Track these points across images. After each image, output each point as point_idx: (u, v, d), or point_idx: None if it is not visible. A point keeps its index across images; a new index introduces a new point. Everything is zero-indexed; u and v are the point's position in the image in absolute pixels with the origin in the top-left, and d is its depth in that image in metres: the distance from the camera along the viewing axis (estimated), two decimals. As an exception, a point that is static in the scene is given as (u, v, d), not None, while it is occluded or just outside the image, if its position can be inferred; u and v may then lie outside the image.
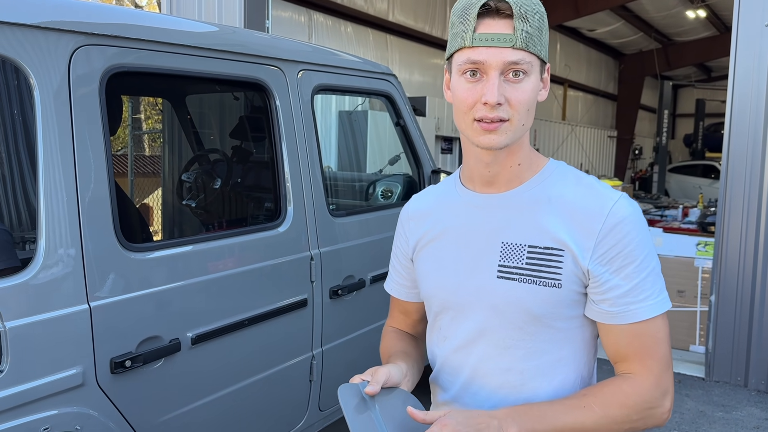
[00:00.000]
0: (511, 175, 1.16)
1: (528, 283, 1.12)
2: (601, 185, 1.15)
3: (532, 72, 1.07)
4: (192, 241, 2.03)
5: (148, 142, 8.77)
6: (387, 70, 3.02)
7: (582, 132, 18.39)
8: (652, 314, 1.09)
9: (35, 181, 1.63)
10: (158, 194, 3.46)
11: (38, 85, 1.62)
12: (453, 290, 1.20)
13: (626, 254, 1.08)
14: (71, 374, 1.66)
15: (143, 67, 1.90)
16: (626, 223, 1.09)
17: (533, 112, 1.11)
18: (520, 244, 1.14)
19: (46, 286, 1.61)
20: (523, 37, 1.04)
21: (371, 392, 1.12)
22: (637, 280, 1.09)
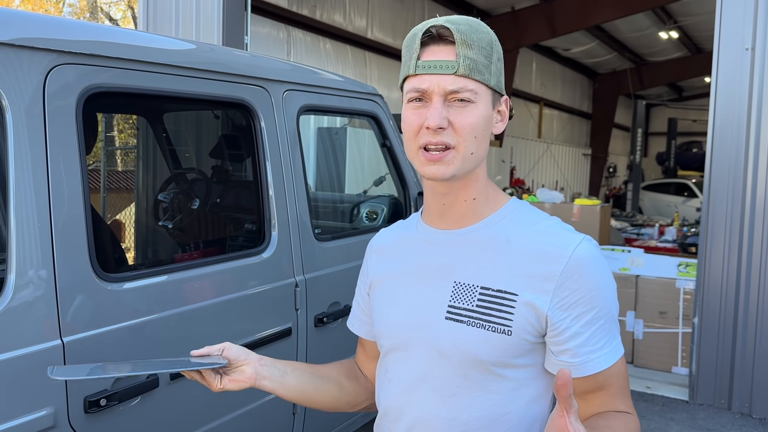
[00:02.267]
0: (466, 210, 1.11)
1: (476, 327, 1.05)
2: (563, 227, 1.09)
3: (478, 101, 1.03)
4: (171, 270, 1.92)
5: (121, 157, 8.59)
6: (373, 90, 2.96)
7: (557, 150, 18.58)
8: (611, 362, 1.05)
9: (6, 206, 1.52)
10: (131, 213, 3.33)
11: (10, 106, 1.52)
12: (400, 329, 1.14)
13: (587, 300, 1.03)
14: (41, 416, 1.54)
15: (122, 87, 1.80)
16: (588, 267, 1.03)
17: (484, 143, 1.06)
18: (472, 285, 1.07)
19: (16, 321, 1.50)
20: (465, 64, 1.01)
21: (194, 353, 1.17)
22: (596, 326, 1.04)
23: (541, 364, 1.09)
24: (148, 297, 1.82)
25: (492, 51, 1.04)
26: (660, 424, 4.02)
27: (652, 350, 5.04)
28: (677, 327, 4.92)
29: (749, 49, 4.03)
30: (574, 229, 1.09)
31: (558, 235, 1.07)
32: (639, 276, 5.10)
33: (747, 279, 4.12)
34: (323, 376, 1.28)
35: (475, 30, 1.03)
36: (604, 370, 1.05)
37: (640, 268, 5.22)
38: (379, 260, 1.25)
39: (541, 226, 1.09)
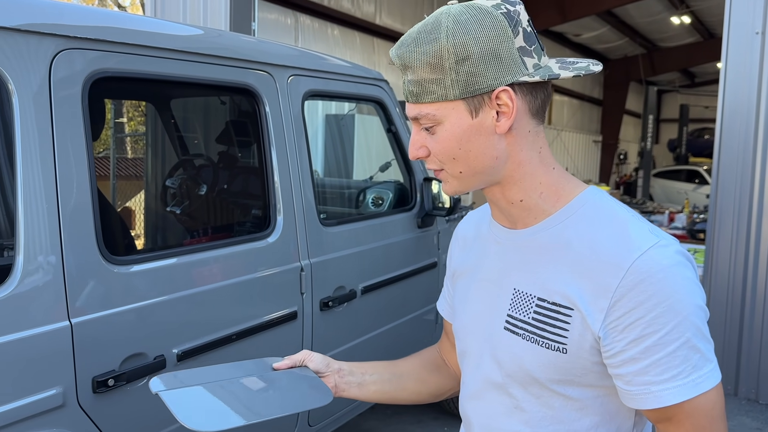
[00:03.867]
0: (519, 211, 1.00)
1: (530, 341, 0.96)
2: (636, 228, 0.92)
3: (444, 119, 0.93)
4: (178, 253, 1.95)
5: (130, 145, 8.63)
6: (378, 76, 2.96)
7: (568, 137, 18.48)
8: (682, 398, 0.87)
9: (13, 191, 1.54)
10: (141, 199, 3.36)
11: (17, 91, 1.54)
12: (468, 334, 1.10)
13: (646, 323, 0.87)
14: (51, 395, 1.58)
15: (128, 71, 1.82)
16: (652, 282, 0.86)
17: (474, 156, 0.95)
18: (530, 295, 0.98)
19: (24, 302, 1.53)
20: (410, 91, 0.95)
21: (276, 366, 1.17)
22: (661, 354, 0.87)
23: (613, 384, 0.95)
24: (156, 280, 1.85)
25: (443, 59, 0.90)
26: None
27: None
28: (684, 313, 4.92)
29: (759, 34, 3.99)
30: (653, 231, 0.92)
31: (624, 239, 0.91)
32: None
33: (755, 265, 4.10)
34: (403, 374, 1.25)
35: (419, 43, 0.92)
36: (672, 405, 0.88)
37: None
38: (460, 250, 1.19)
39: (609, 226, 0.94)
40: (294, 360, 1.20)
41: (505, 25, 0.91)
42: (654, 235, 0.91)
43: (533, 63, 0.93)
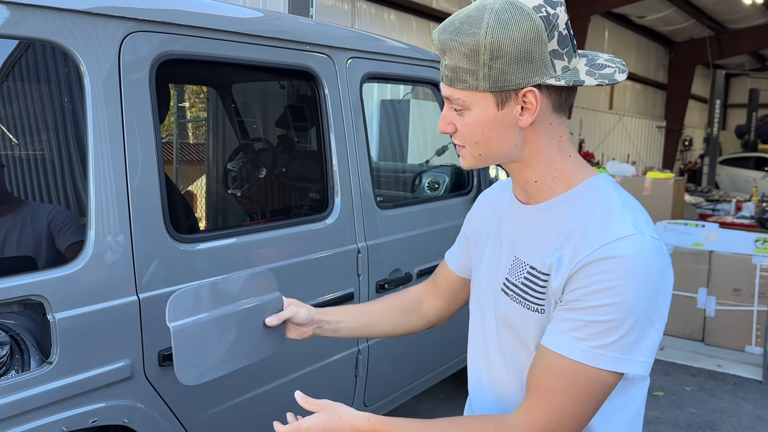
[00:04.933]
0: (533, 190, 1.10)
1: (515, 302, 1.10)
2: (623, 216, 1.00)
3: (471, 106, 1.03)
4: (240, 233, 1.99)
5: (191, 130, 8.83)
6: (435, 57, 2.93)
7: (629, 122, 17.94)
8: (574, 356, 0.97)
9: (85, 170, 1.60)
10: (203, 183, 3.45)
11: (88, 72, 1.59)
12: (477, 291, 1.24)
13: (588, 292, 0.96)
14: (120, 366, 1.64)
15: (192, 54, 1.86)
16: (611, 263, 0.95)
17: (495, 142, 1.04)
18: (524, 262, 1.10)
19: (95, 278, 1.59)
20: (446, 75, 1.04)
21: (269, 324, 1.36)
22: (580, 317, 0.97)
23: None
24: (219, 258, 1.89)
25: (478, 54, 0.98)
26: (731, 403, 3.90)
27: (724, 328, 4.86)
28: (752, 305, 4.72)
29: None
30: (637, 225, 0.99)
31: (606, 225, 0.99)
32: (713, 252, 4.91)
33: (831, 256, 3.90)
34: (375, 320, 1.43)
35: (460, 34, 0.99)
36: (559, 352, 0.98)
37: (714, 244, 5.02)
38: (481, 213, 1.30)
39: (601, 212, 1.02)
40: (282, 318, 1.38)
41: (541, 29, 0.98)
42: (635, 228, 0.98)
43: (563, 66, 1.00)
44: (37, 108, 1.63)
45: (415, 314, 1.45)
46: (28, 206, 1.60)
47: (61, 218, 1.61)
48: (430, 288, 1.46)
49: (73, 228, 1.62)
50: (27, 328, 1.53)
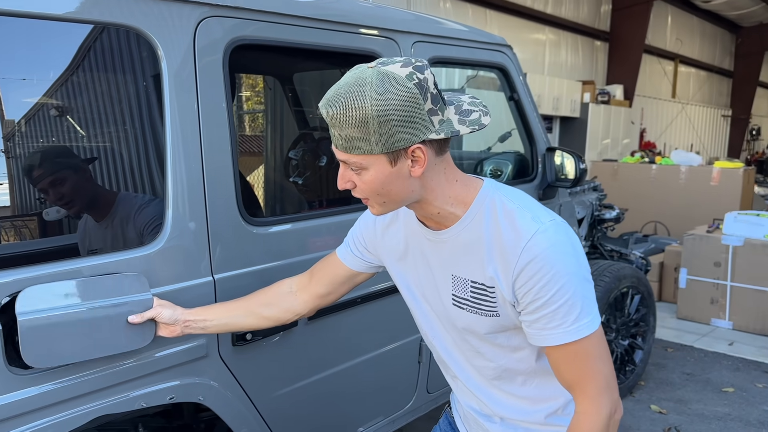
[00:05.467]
0: (439, 219, 1.27)
1: (472, 312, 1.29)
2: (522, 215, 1.21)
3: (369, 167, 1.17)
4: (311, 216, 2.01)
5: (248, 120, 8.98)
6: (502, 41, 2.88)
7: (693, 111, 17.30)
8: (563, 341, 1.19)
9: (163, 153, 1.64)
10: (265, 170, 3.50)
11: (165, 57, 1.63)
12: (423, 303, 1.41)
13: (536, 291, 1.18)
14: (196, 345, 1.68)
15: (261, 39, 1.88)
16: (537, 261, 1.17)
17: (396, 190, 1.19)
18: (464, 279, 1.28)
19: (173, 257, 1.63)
20: (340, 144, 1.16)
21: (131, 321, 1.49)
22: (545, 312, 1.19)
23: None
24: (290, 241, 1.92)
25: (367, 124, 1.11)
26: (808, 401, 3.72)
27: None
28: (831, 299, 4.49)
29: None
30: (535, 218, 1.20)
31: (515, 228, 1.20)
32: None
33: None
34: (240, 315, 1.57)
35: (347, 108, 1.11)
36: (556, 345, 1.21)
37: (788, 235, 4.80)
38: (383, 233, 1.45)
39: (503, 219, 1.22)
40: (146, 317, 1.51)
41: (417, 95, 1.12)
42: (535, 222, 1.19)
43: (439, 119, 1.16)
44: (114, 93, 1.67)
45: (278, 307, 1.58)
46: (119, 205, 1.61)
47: (145, 217, 1.63)
48: (305, 283, 1.59)
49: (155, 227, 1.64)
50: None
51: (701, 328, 5.13)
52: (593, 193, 3.93)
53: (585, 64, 13.06)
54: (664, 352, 4.61)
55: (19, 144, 1.44)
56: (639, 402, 3.78)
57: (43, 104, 1.47)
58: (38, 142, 1.47)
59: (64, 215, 1.51)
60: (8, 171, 1.41)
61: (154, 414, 1.92)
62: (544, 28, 11.74)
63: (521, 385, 1.38)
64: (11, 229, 1.44)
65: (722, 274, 5.10)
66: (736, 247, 5.02)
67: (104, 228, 1.58)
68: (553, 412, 1.38)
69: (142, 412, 1.71)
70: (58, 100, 1.50)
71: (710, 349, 4.66)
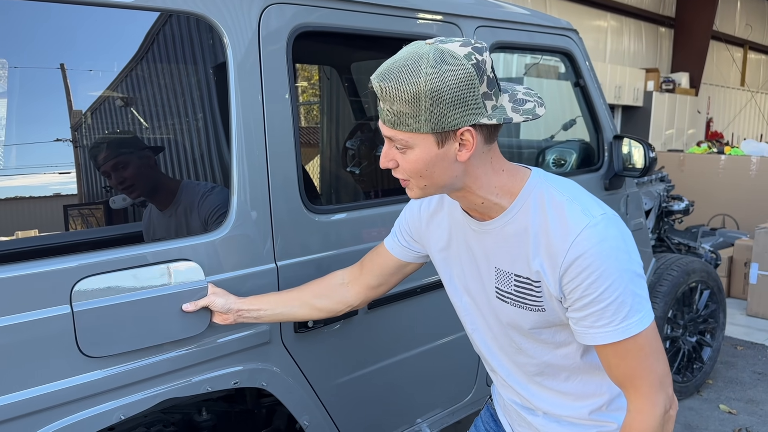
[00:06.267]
0: (484, 209, 1.24)
1: (516, 306, 1.26)
2: (571, 208, 1.17)
3: (413, 146, 1.13)
4: (370, 205, 1.99)
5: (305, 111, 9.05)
6: (567, 25, 2.79)
7: (763, 99, 16.53)
8: (612, 340, 1.16)
9: (228, 141, 1.65)
10: (323, 159, 3.51)
11: (231, 44, 1.63)
12: (467, 296, 1.38)
13: (584, 288, 1.14)
14: (261, 331, 1.69)
15: (324, 26, 1.86)
16: (586, 257, 1.13)
17: (438, 175, 1.16)
18: (508, 272, 1.25)
19: (237, 244, 1.64)
20: (388, 119, 1.13)
21: (185, 309, 1.50)
22: (593, 309, 1.15)
23: None
24: (351, 229, 1.91)
25: (419, 101, 1.08)
26: None
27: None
28: None
29: None
30: (585, 211, 1.16)
31: (563, 223, 1.16)
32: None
33: None
34: (295, 305, 1.56)
35: (400, 83, 1.08)
36: (605, 344, 1.17)
37: None
38: (428, 222, 1.43)
39: (551, 211, 1.18)
40: (199, 305, 1.52)
41: (473, 75, 1.09)
42: (585, 216, 1.15)
43: (492, 105, 1.13)
44: (180, 81, 1.68)
45: (331, 299, 1.57)
46: (183, 193, 1.63)
47: (210, 205, 1.65)
48: (356, 274, 1.58)
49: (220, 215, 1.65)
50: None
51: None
52: (661, 184, 3.79)
53: (648, 51, 12.62)
54: (734, 350, 4.42)
55: (86, 132, 1.46)
56: (707, 401, 3.63)
57: (109, 94, 1.50)
58: (104, 130, 1.50)
59: (129, 203, 1.53)
60: (75, 159, 1.44)
61: (218, 398, 1.94)
62: (605, 15, 11.39)
63: (564, 380, 1.35)
64: (78, 216, 1.47)
65: (797, 270, 4.85)
66: (814, 241, 4.75)
67: (168, 216, 1.61)
68: (598, 408, 1.35)
69: (205, 396, 1.74)
70: (125, 89, 1.52)
71: (784, 348, 4.45)
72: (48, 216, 1.42)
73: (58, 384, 1.38)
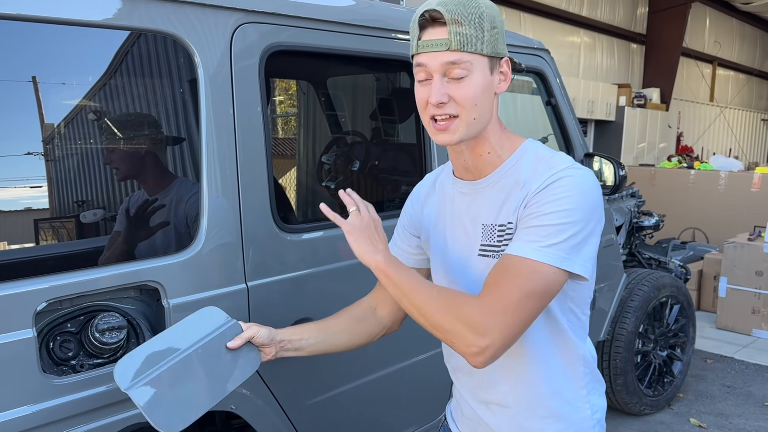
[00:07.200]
0: (485, 163, 1.27)
1: (497, 258, 1.23)
2: (562, 159, 1.20)
3: (474, 70, 1.16)
4: (342, 224, 1.98)
5: (281, 124, 9.04)
6: (539, 45, 2.83)
7: (732, 114, 16.91)
8: (522, 253, 1.13)
9: (198, 159, 1.63)
10: (297, 175, 3.49)
11: (202, 63, 1.62)
12: (449, 267, 1.35)
13: (540, 204, 1.15)
14: (229, 353, 1.67)
15: (297, 45, 1.86)
16: (558, 183, 1.15)
17: (486, 106, 1.20)
18: (493, 225, 1.25)
19: (207, 265, 1.62)
20: (456, 40, 1.15)
21: (231, 346, 1.39)
22: (531, 224, 1.15)
23: None
24: (322, 248, 1.89)
25: (483, 22, 1.16)
26: None
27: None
28: None
29: None
30: (573, 162, 1.20)
31: (550, 165, 1.19)
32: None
33: None
34: (335, 332, 1.49)
35: (464, 5, 1.15)
36: (510, 254, 1.15)
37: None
38: (422, 206, 1.45)
39: (543, 162, 1.21)
40: (244, 339, 1.42)
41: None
42: (573, 163, 1.19)
43: None
44: (151, 98, 1.67)
45: (369, 322, 1.52)
46: (176, 186, 1.61)
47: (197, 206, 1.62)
48: (380, 294, 1.53)
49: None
50: (142, 313, 1.58)
51: (742, 339, 4.98)
52: (631, 200, 3.84)
53: (621, 67, 12.85)
54: (704, 363, 4.48)
55: (58, 145, 1.44)
56: (678, 415, 3.67)
57: (81, 108, 1.48)
58: (74, 144, 1.48)
59: (100, 218, 1.51)
60: (47, 173, 1.42)
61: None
62: (579, 31, 11.58)
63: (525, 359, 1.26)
64: (49, 231, 1.44)
65: (764, 284, 4.95)
66: (780, 256, 4.86)
67: (160, 219, 1.59)
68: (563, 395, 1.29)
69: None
70: (96, 104, 1.50)
71: (752, 360, 4.52)
72: (12, 232, 1.39)
73: (20, 411, 1.34)
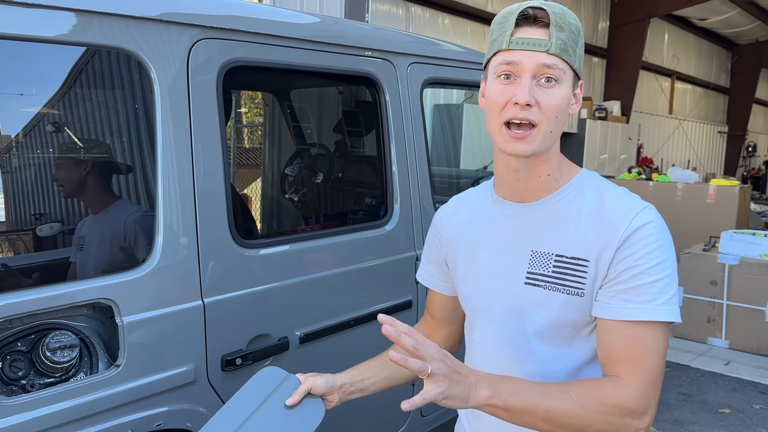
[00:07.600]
0: (541, 185, 1.19)
1: (550, 290, 1.17)
2: (629, 197, 1.17)
3: (564, 80, 1.11)
4: (302, 239, 1.99)
5: (247, 135, 8.98)
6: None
7: (690, 127, 17.38)
8: (651, 317, 1.09)
9: (153, 174, 1.62)
10: (261, 187, 3.48)
11: (158, 79, 1.61)
12: (484, 293, 1.26)
13: (639, 256, 1.10)
14: (184, 371, 1.65)
15: (256, 61, 1.87)
16: (645, 229, 1.10)
17: (562, 122, 1.13)
18: (547, 253, 1.18)
19: (162, 282, 1.61)
20: (557, 44, 1.09)
21: (290, 403, 1.28)
22: (641, 282, 1.09)
23: None
24: (282, 264, 1.89)
25: (579, 36, 1.13)
26: (805, 424, 3.69)
27: None
28: (828, 320, 4.48)
29: None
30: (640, 198, 1.16)
31: (622, 205, 1.14)
32: None
33: None
34: (395, 367, 1.38)
35: (566, 14, 1.11)
36: (638, 321, 1.09)
37: (784, 255, 4.79)
38: (457, 233, 1.34)
39: (608, 196, 1.16)
40: (301, 393, 1.30)
41: None
42: (643, 202, 1.15)
43: None
44: (106, 113, 1.66)
45: None
46: (116, 206, 1.61)
47: (135, 226, 1.62)
48: (430, 322, 1.50)
49: (144, 242, 1.63)
50: (96, 331, 1.56)
51: (697, 347, 5.10)
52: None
53: (582, 80, 13.12)
54: (661, 372, 4.58)
55: (8, 161, 1.42)
56: (635, 424, 3.74)
57: (37, 122, 1.46)
58: (32, 155, 1.46)
59: (58, 231, 1.49)
60: (3, 184, 1.40)
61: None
62: (541, 45, 11.79)
63: None
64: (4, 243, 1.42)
65: (718, 293, 5.09)
66: (732, 266, 5.00)
67: (100, 239, 1.58)
68: None
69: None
70: (49, 121, 1.48)
71: (707, 368, 4.64)
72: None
73: (-35, 433, 1.32)
